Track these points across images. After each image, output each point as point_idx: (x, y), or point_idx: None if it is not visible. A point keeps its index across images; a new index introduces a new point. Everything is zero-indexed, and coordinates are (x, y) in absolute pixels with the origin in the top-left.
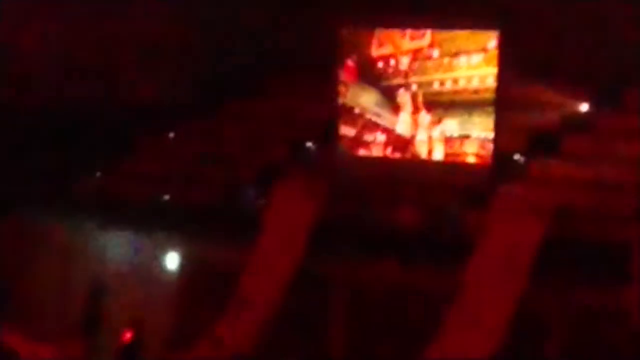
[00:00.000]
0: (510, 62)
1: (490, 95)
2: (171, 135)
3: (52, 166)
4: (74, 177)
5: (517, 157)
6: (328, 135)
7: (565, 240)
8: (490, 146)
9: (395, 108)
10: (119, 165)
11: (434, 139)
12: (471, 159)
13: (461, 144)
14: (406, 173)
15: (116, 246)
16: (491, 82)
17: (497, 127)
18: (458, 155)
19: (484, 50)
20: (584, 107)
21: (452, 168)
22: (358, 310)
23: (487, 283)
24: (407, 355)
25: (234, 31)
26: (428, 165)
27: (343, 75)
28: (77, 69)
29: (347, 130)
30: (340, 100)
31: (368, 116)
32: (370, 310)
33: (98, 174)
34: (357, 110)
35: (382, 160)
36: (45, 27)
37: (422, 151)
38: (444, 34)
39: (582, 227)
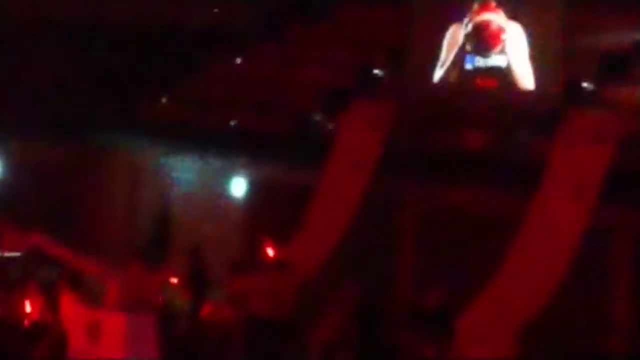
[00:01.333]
0: None
1: None
2: (238, 59)
3: (118, 89)
4: (139, 101)
5: (587, 83)
6: (397, 61)
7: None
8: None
9: None
10: (185, 90)
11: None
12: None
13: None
14: (477, 99)
15: (182, 171)
16: None
17: (567, 52)
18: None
19: None
20: None
21: (523, 94)
22: (426, 236)
23: (552, 216)
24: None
25: None
26: (499, 90)
27: None
28: None
29: None
30: None
31: None
32: (438, 236)
33: (164, 98)
34: None
35: (452, 87)
36: None
37: None
38: None
39: None
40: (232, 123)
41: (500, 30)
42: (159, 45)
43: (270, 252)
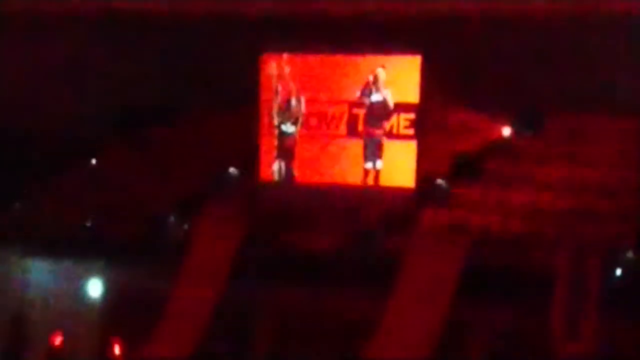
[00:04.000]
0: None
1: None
2: (90, 164)
3: None
4: None
5: (440, 181)
6: (249, 162)
7: (488, 268)
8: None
9: None
10: (37, 195)
11: None
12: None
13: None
14: (330, 198)
15: (37, 274)
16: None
17: (420, 152)
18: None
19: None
20: (506, 131)
21: (376, 193)
22: (281, 335)
23: (409, 314)
24: None
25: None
26: (353, 189)
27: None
28: None
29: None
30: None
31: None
32: (293, 335)
33: (17, 204)
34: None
35: (305, 186)
36: None
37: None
38: None
39: (504, 254)
40: (87, 226)
41: None
42: (13, 151)
43: (121, 355)
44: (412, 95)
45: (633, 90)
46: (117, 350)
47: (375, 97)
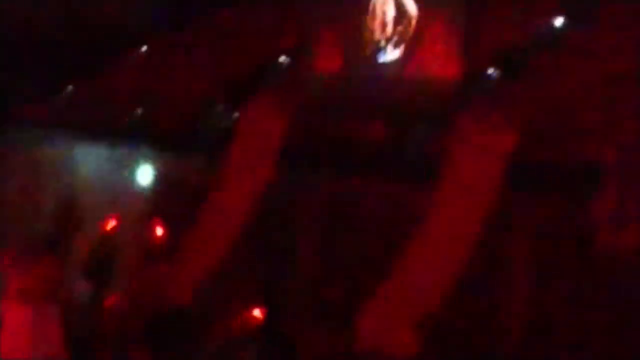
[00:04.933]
0: None
1: None
2: (139, 51)
3: (20, 87)
4: (42, 96)
5: (486, 74)
6: (300, 50)
7: (533, 164)
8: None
9: None
10: (87, 83)
11: None
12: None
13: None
14: (377, 89)
15: (87, 162)
16: None
17: (467, 43)
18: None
19: None
20: (557, 22)
21: (422, 84)
22: (327, 228)
23: (451, 209)
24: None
25: None
26: (399, 80)
27: None
28: None
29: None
30: None
31: None
32: (338, 228)
33: (70, 88)
34: None
35: (353, 76)
36: None
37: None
38: None
39: (550, 147)
40: (136, 114)
41: (408, 18)
42: (66, 35)
43: (173, 242)
44: None
45: None
46: (158, 232)
47: None
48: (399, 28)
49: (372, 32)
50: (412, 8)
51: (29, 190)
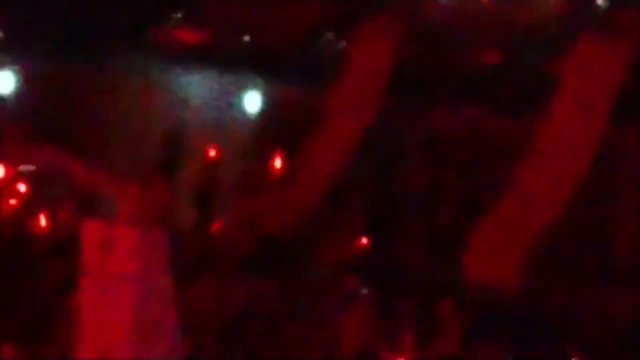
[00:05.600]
0: None
1: None
2: None
3: (132, 9)
4: (149, 23)
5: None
6: None
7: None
8: None
9: None
10: (197, 10)
11: None
12: None
13: None
14: (488, 17)
15: (195, 88)
16: None
17: None
18: None
19: None
20: None
21: (534, 11)
22: (435, 155)
23: (561, 133)
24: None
25: None
26: (511, 8)
27: None
28: None
29: None
30: None
31: None
32: (447, 154)
33: (176, 14)
34: None
35: (462, 5)
36: None
37: None
38: None
39: None
40: (245, 40)
41: None
42: None
43: (281, 168)
44: None
45: None
46: (265, 160)
47: None
48: None
49: None
50: None
51: (141, 115)
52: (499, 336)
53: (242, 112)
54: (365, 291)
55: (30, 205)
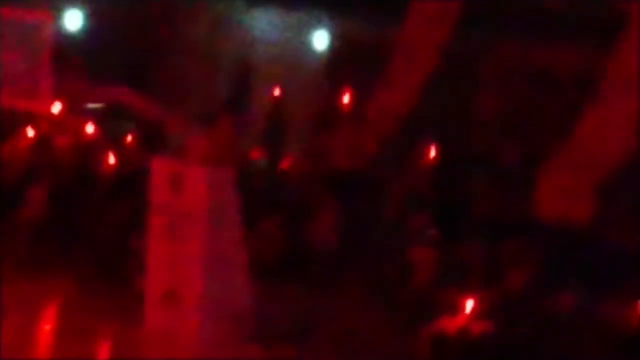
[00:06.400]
0: None
1: None
2: None
3: None
4: None
5: None
6: None
7: None
8: None
9: None
10: None
11: None
12: None
13: None
14: None
15: (264, 24)
16: None
17: None
18: None
19: None
20: None
21: None
22: (506, 91)
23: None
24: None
25: None
26: None
27: None
28: None
29: None
30: None
31: None
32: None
33: None
34: None
35: None
36: None
37: None
38: None
39: None
40: None
41: None
42: None
43: (351, 105)
44: None
45: None
46: (335, 97)
47: None
48: None
49: None
50: None
51: (210, 54)
52: (570, 277)
53: (312, 49)
54: (433, 230)
55: (98, 142)
